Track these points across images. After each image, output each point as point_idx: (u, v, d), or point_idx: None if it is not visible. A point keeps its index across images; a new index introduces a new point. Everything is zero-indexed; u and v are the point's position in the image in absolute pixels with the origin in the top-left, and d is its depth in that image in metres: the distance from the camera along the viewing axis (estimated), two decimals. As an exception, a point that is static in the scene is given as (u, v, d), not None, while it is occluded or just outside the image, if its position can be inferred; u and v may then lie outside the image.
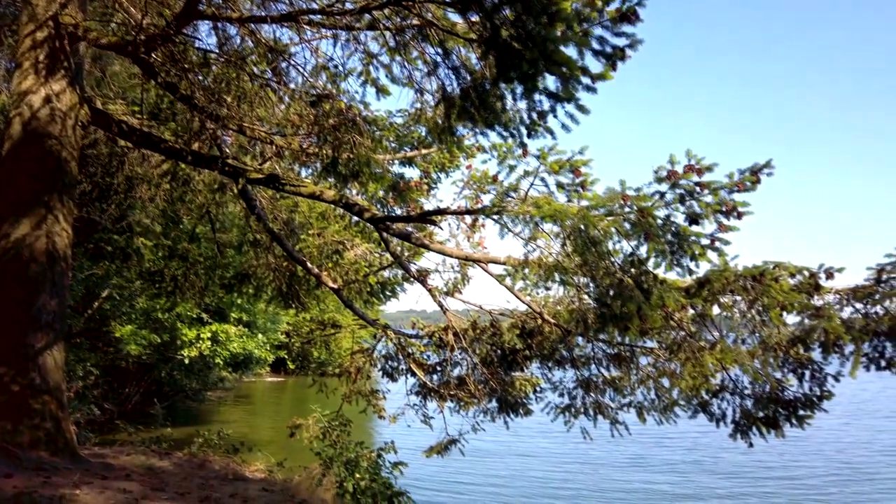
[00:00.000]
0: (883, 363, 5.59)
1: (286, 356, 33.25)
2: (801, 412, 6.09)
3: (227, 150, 7.89)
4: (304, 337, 9.06)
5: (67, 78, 5.47)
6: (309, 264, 8.66)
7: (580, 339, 8.06)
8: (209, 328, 19.79)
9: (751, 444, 6.49)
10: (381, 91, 6.12)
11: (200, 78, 6.42)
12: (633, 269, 5.40)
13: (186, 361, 19.69)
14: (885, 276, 5.27)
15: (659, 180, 4.85)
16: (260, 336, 22.74)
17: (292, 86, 6.18)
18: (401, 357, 9.31)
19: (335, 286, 8.61)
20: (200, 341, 19.50)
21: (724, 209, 4.77)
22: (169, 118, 7.69)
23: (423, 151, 8.77)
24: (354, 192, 8.63)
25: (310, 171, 7.89)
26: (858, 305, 5.48)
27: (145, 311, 17.04)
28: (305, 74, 6.17)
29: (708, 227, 4.92)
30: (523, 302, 8.18)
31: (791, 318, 5.75)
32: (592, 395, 8.21)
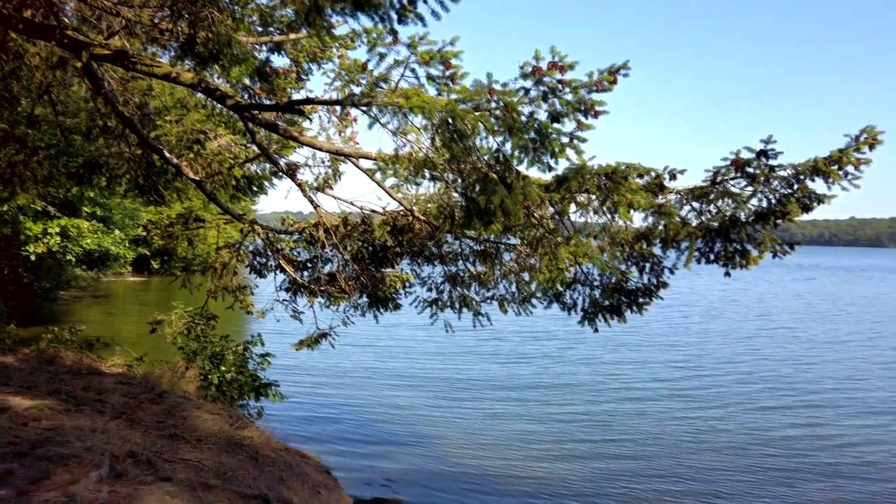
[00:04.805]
0: (712, 257, 6.23)
1: (148, 253, 31.68)
2: (641, 300, 6.74)
3: (67, 21, 7.04)
4: (164, 231, 8.49)
5: None
6: (167, 154, 8.12)
7: (449, 236, 8.31)
8: (58, 222, 18.26)
9: (596, 330, 7.15)
10: (243, -37, 5.62)
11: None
12: (498, 166, 5.55)
13: (33, 258, 18.20)
14: (719, 179, 5.79)
15: (524, 76, 4.93)
16: (117, 232, 21.31)
17: (139, -52, 5.54)
18: (269, 253, 9.17)
19: (197, 178, 8.18)
20: (48, 237, 17.99)
21: (583, 108, 4.96)
22: (-8, -22, 6.66)
23: (293, 36, 8.28)
24: (216, 77, 8.06)
25: (167, 54, 7.27)
26: (695, 204, 6.01)
27: (-21, 203, 15.40)
28: (154, -64, 5.53)
29: (568, 125, 5.11)
30: (394, 199, 8.24)
31: (637, 217, 6.22)
32: (459, 289, 8.58)
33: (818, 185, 5.53)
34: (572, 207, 6.33)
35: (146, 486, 4.06)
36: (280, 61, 9.03)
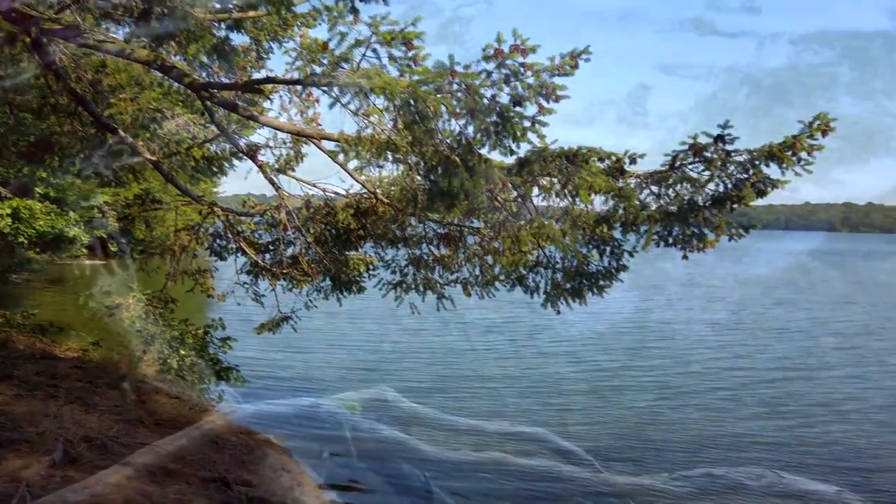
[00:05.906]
0: (670, 240, 6.33)
1: (104, 235, 30.90)
2: (601, 283, 6.83)
3: (15, -6, 6.77)
4: (120, 213, 8.26)
5: None
6: (122, 133, 7.90)
7: (413, 219, 8.28)
8: (8, 203, 17.66)
9: (558, 312, 7.23)
10: (199, -64, 5.47)
11: None
12: (460, 149, 5.54)
13: (-18, 240, 17.62)
14: (677, 163, 5.87)
15: (486, 59, 4.92)
16: (72, 214, 20.67)
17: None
18: (230, 236, 9.02)
19: (153, 158, 7.99)
20: (-1, 218, 17.42)
21: (544, 92, 4.98)
22: (-68, -54, 6.35)
23: (252, 14, 8.10)
24: (173, 54, 7.86)
25: (121, 29, 7.07)
26: (654, 188, 6.09)
27: (-76, 183, 14.78)
28: None
29: (530, 109, 5.12)
30: (358, 181, 8.17)
31: (598, 201, 6.28)
32: (423, 272, 8.56)
33: (773, 171, 5.65)
34: (535, 191, 6.37)
35: (102, 471, 4.00)
36: (239, 39, 8.83)
